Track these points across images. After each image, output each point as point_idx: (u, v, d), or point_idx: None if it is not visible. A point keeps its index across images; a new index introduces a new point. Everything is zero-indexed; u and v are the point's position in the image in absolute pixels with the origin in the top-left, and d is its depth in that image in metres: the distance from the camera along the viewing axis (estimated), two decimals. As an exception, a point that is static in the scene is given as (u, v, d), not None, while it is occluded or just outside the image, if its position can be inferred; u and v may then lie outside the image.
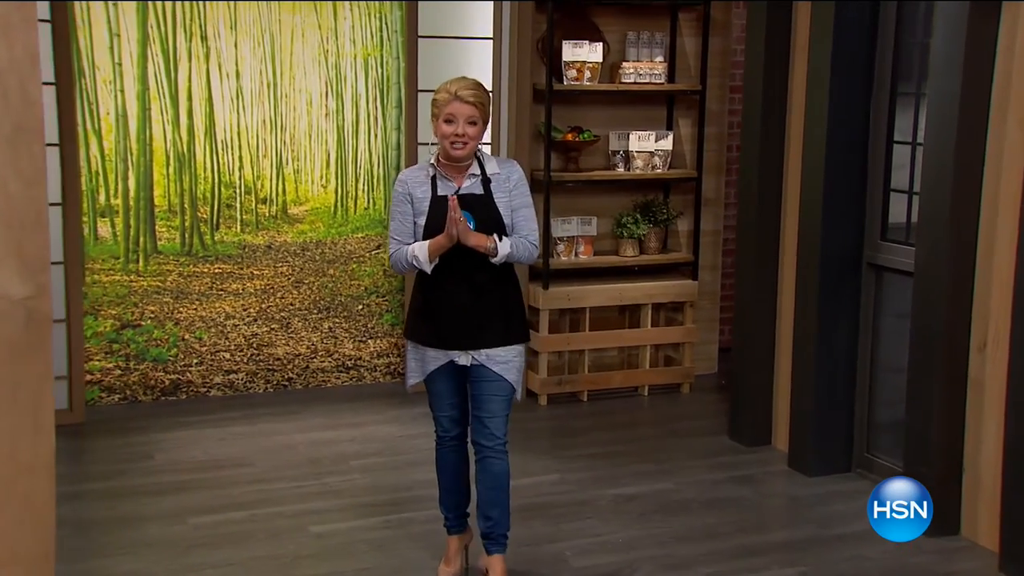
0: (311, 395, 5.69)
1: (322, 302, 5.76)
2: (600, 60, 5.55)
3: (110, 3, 5.18)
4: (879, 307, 4.72)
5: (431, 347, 3.47)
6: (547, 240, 5.57)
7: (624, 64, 5.66)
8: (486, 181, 3.44)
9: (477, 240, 3.33)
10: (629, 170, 5.73)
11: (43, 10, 4.91)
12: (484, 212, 3.41)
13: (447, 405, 3.56)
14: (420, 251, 3.38)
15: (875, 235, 4.67)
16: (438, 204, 3.40)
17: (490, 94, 3.50)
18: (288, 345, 5.73)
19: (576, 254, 5.71)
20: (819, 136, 4.62)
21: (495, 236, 3.38)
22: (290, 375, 5.75)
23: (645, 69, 5.66)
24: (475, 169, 3.45)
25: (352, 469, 4.68)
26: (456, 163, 3.42)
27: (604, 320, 5.85)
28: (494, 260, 3.38)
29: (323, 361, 5.80)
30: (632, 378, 5.85)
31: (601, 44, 5.58)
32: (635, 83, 5.64)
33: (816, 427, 4.75)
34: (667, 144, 5.75)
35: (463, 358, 3.46)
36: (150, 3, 5.23)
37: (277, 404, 5.53)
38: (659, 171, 5.77)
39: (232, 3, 5.39)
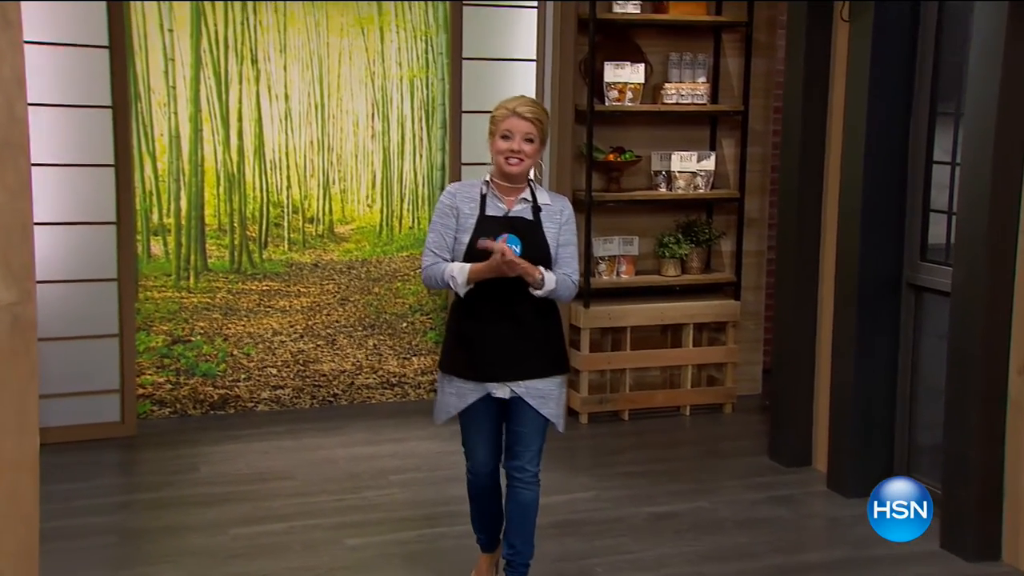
0: (355, 411, 5.79)
1: (367, 319, 5.87)
2: (642, 81, 5.59)
3: (166, 29, 5.35)
4: (920, 328, 4.68)
5: (468, 379, 3.38)
6: (588, 259, 5.61)
7: (666, 85, 5.70)
8: (536, 209, 3.38)
9: (525, 268, 3.24)
10: (671, 190, 5.76)
11: (101, 37, 5.10)
12: (532, 238, 3.34)
13: (482, 441, 3.46)
14: (460, 274, 3.30)
15: (915, 255, 4.64)
16: (486, 224, 3.34)
17: (548, 115, 3.45)
18: (334, 361, 5.84)
19: (618, 273, 5.74)
20: (857, 156, 4.62)
21: (541, 268, 3.31)
22: (335, 391, 5.86)
23: (687, 90, 5.69)
24: (527, 195, 3.40)
25: (391, 484, 4.76)
26: (510, 182, 3.37)
27: (647, 340, 5.87)
28: (537, 293, 3.30)
29: (368, 378, 5.90)
30: (673, 398, 5.86)
31: (643, 65, 5.63)
32: (677, 104, 5.68)
33: (855, 448, 4.73)
34: (709, 164, 5.78)
35: (501, 390, 3.37)
36: (204, 29, 5.40)
37: (322, 419, 5.63)
38: (701, 191, 5.80)
39: (282, 28, 5.54)
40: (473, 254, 3.31)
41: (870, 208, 4.62)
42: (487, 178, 3.43)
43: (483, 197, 3.39)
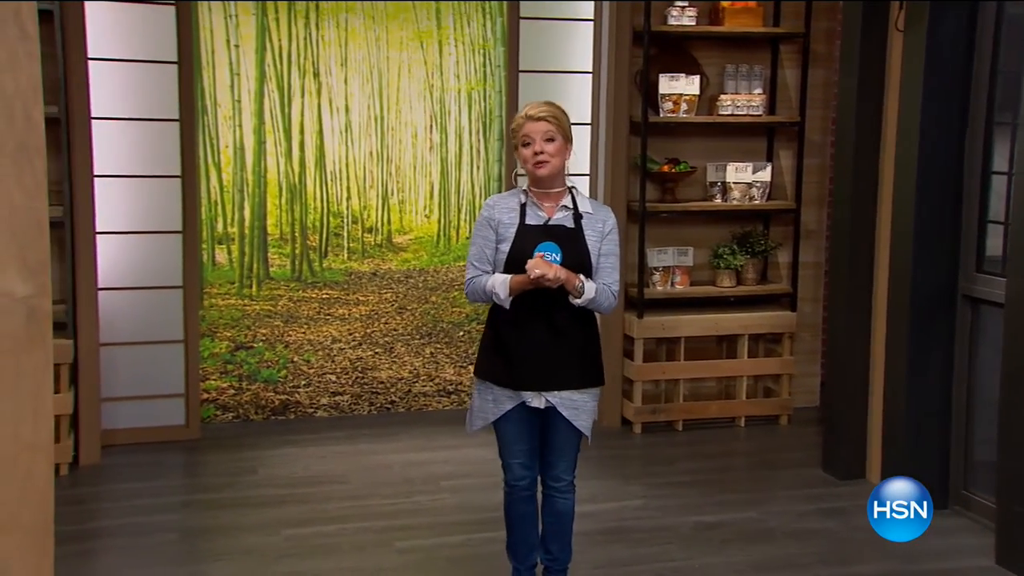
0: (412, 418, 5.88)
1: (424, 328, 5.97)
2: (697, 92, 5.61)
3: (232, 45, 5.53)
4: (976, 340, 4.63)
5: (503, 387, 3.39)
6: (642, 270, 5.64)
7: (722, 96, 5.71)
8: (577, 216, 3.38)
9: (567, 276, 3.24)
10: (726, 201, 5.77)
11: (170, 53, 5.28)
12: (572, 246, 3.33)
13: (518, 451, 3.45)
14: (501, 287, 3.32)
15: (971, 267, 4.59)
16: (524, 233, 3.34)
17: (567, 114, 3.42)
18: (391, 369, 5.94)
19: (672, 284, 5.76)
20: (910, 166, 4.59)
21: (581, 276, 3.30)
22: (393, 398, 5.96)
23: (743, 101, 5.70)
24: (567, 202, 3.39)
25: (442, 489, 4.83)
26: (545, 188, 3.37)
27: (703, 351, 5.88)
28: (576, 302, 3.29)
29: (425, 385, 5.99)
30: (728, 408, 5.85)
31: (698, 77, 5.65)
32: (732, 115, 5.69)
33: (909, 462, 4.67)
34: (765, 175, 5.77)
35: (536, 400, 3.38)
36: (268, 44, 5.56)
37: (379, 426, 5.73)
38: (757, 202, 5.79)
39: (343, 42, 5.68)
40: (513, 264, 3.33)
41: (924, 219, 4.58)
42: (525, 187, 3.44)
43: (523, 206, 3.40)
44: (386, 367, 5.94)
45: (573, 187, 3.46)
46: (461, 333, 6.01)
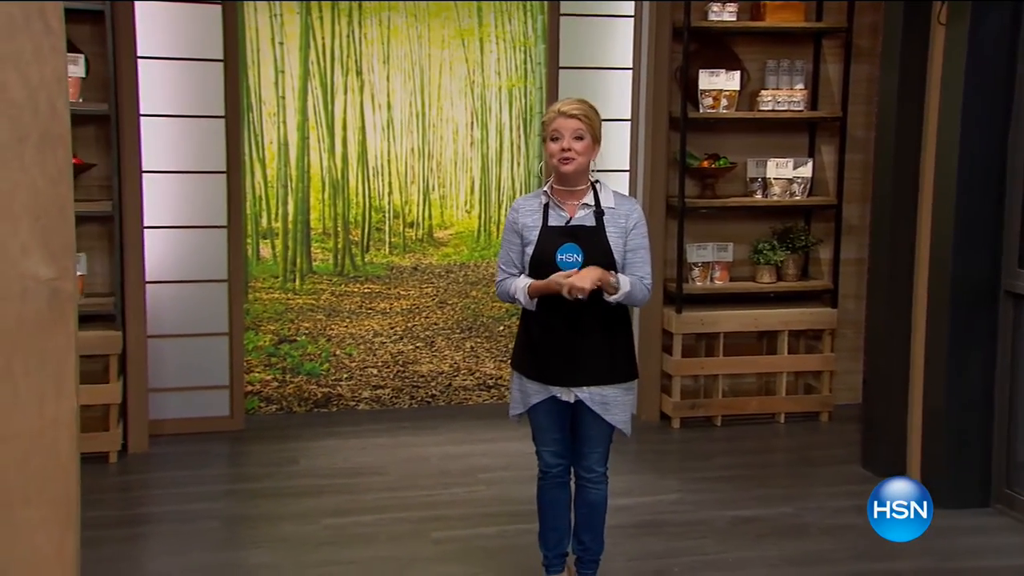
0: (452, 412, 5.94)
1: (465, 322, 6.02)
2: (737, 88, 5.60)
3: (277, 43, 5.63)
4: (1018, 337, 4.58)
5: (534, 380, 3.46)
6: (681, 265, 5.65)
7: (762, 92, 5.70)
8: (599, 214, 3.38)
9: (600, 276, 3.24)
10: (766, 197, 5.75)
11: (216, 51, 5.39)
12: (593, 245, 3.34)
13: (549, 440, 3.51)
14: (522, 293, 3.37)
15: (1013, 263, 4.54)
16: (547, 235, 3.36)
17: (599, 114, 3.41)
18: (432, 363, 6.01)
19: (712, 279, 5.76)
20: (951, 162, 4.55)
21: (615, 273, 3.32)
22: (433, 392, 6.03)
23: (784, 97, 5.68)
24: (589, 199, 3.39)
25: (479, 481, 4.88)
26: (568, 185, 3.38)
27: (743, 346, 5.87)
28: (611, 298, 3.32)
29: (465, 379, 6.05)
30: (767, 405, 5.84)
31: (739, 72, 5.64)
32: (772, 111, 5.67)
33: (949, 459, 4.64)
34: (806, 171, 5.74)
35: (565, 395, 3.42)
36: (312, 42, 5.65)
37: (420, 419, 5.80)
38: (797, 198, 5.76)
39: (385, 40, 5.75)
40: (538, 266, 3.36)
41: (965, 215, 4.54)
42: (546, 187, 3.45)
43: (545, 207, 3.41)
44: (427, 361, 6.01)
45: (596, 181, 3.45)
46: (501, 328, 6.05)
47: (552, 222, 3.39)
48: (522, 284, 3.38)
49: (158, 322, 5.41)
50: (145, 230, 5.25)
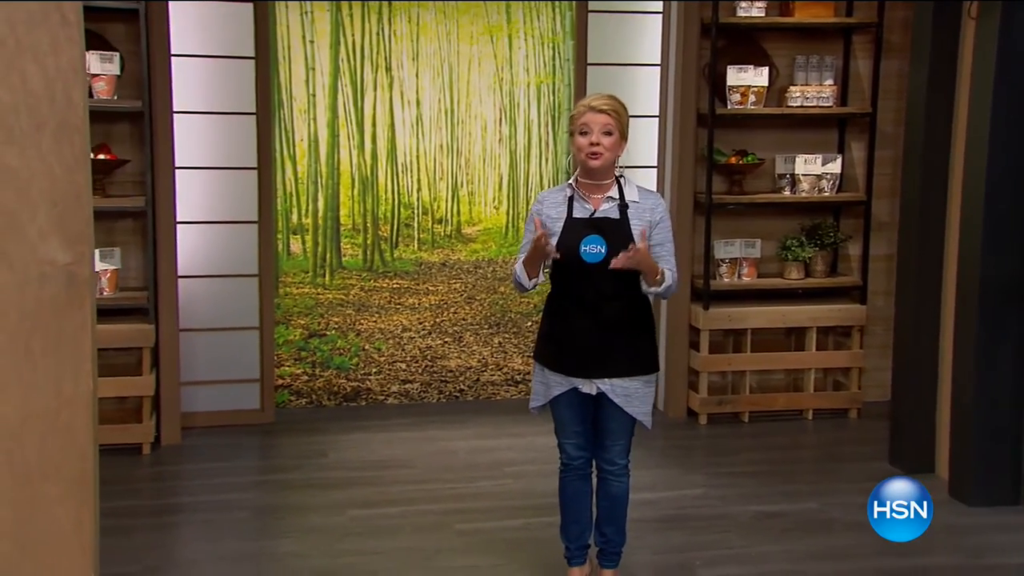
0: (480, 406, 5.98)
1: (493, 318, 6.06)
2: (765, 84, 5.59)
3: (307, 40, 5.69)
4: (1047, 333, 4.54)
5: (555, 372, 3.49)
6: (708, 261, 5.65)
7: (791, 88, 5.69)
8: (623, 207, 3.41)
9: (651, 265, 3.31)
10: (795, 193, 5.74)
11: (248, 48, 5.46)
12: (617, 237, 3.35)
13: (571, 432, 3.54)
14: (519, 268, 3.42)
15: (1042, 259, 4.51)
16: (571, 226, 3.40)
17: (627, 110, 3.44)
18: (460, 358, 6.05)
19: (739, 276, 5.75)
20: (980, 156, 4.52)
21: (663, 268, 3.36)
22: (461, 387, 6.07)
23: (812, 92, 5.66)
24: (613, 192, 3.42)
25: (505, 475, 4.92)
26: (594, 179, 3.40)
27: (772, 343, 5.86)
28: (651, 289, 3.37)
29: (493, 375, 6.09)
30: (796, 401, 5.82)
31: (767, 68, 5.63)
32: (801, 107, 5.65)
33: (978, 457, 4.61)
34: (835, 167, 5.72)
35: (586, 386, 3.45)
36: (342, 39, 5.71)
37: (448, 413, 5.84)
38: (826, 194, 5.75)
39: (415, 37, 5.80)
40: (562, 253, 3.36)
41: (993, 211, 4.51)
42: (571, 181, 3.48)
43: (570, 200, 3.44)
44: (455, 356, 6.05)
45: (621, 176, 3.47)
46: (529, 324, 6.08)
47: (577, 214, 3.42)
48: (519, 263, 3.43)
49: (190, 316, 5.49)
50: (178, 225, 5.33)
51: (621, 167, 3.49)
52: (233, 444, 5.37)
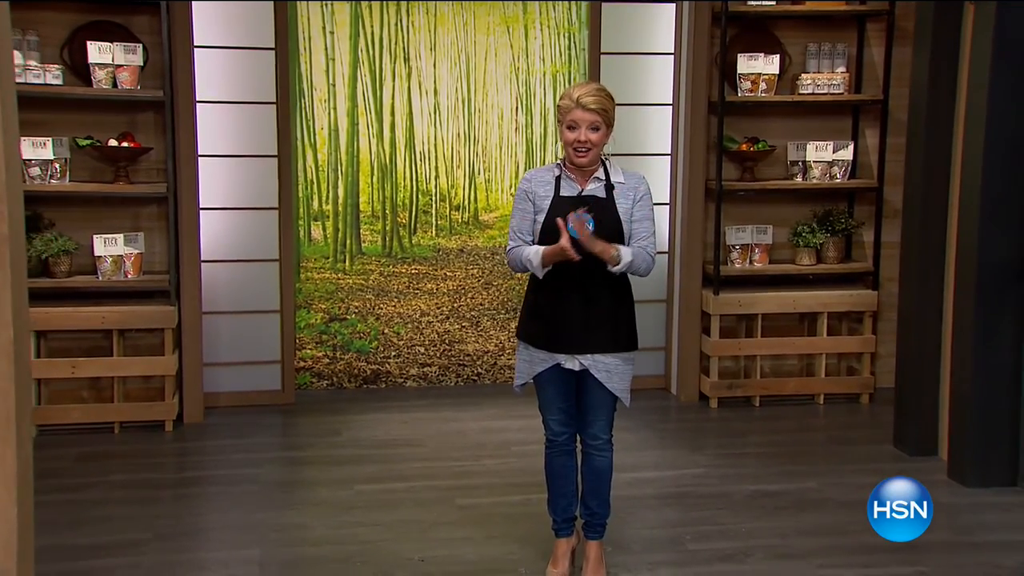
0: (497, 390, 6.10)
1: (509, 303, 6.17)
2: (776, 72, 5.64)
3: (327, 31, 5.85)
4: (1049, 317, 4.55)
5: (539, 348, 3.58)
6: (718, 247, 5.71)
7: (803, 75, 5.72)
8: (609, 187, 3.51)
9: (602, 247, 3.37)
10: (807, 180, 5.77)
11: (268, 40, 5.63)
12: (604, 215, 3.43)
13: (555, 408, 3.64)
14: (535, 256, 3.47)
15: (1043, 242, 4.52)
16: (559, 204, 3.50)
17: (614, 98, 3.52)
18: (477, 342, 6.18)
19: (751, 261, 5.80)
20: (978, 139, 4.54)
21: (616, 245, 3.42)
22: (479, 370, 6.20)
23: (824, 80, 5.69)
24: (600, 174, 3.53)
25: (511, 454, 5.03)
26: (580, 165, 3.53)
27: (786, 328, 5.90)
28: (614, 269, 3.42)
29: (510, 359, 6.20)
30: (806, 386, 5.86)
31: (778, 56, 5.67)
32: (812, 94, 5.69)
33: (975, 439, 4.64)
34: (846, 154, 5.75)
35: (570, 362, 3.54)
36: (361, 30, 5.86)
37: (464, 396, 5.97)
38: (838, 181, 5.78)
39: (432, 28, 5.93)
40: (549, 234, 3.46)
41: (991, 195, 4.53)
42: (559, 162, 3.59)
43: (557, 179, 3.55)
44: (472, 340, 6.18)
45: (606, 159, 3.58)
46: (545, 309, 6.18)
47: (564, 192, 3.53)
48: (534, 250, 3.51)
49: (213, 299, 5.68)
50: (200, 211, 5.52)
51: (607, 155, 3.59)
52: (252, 423, 5.55)
